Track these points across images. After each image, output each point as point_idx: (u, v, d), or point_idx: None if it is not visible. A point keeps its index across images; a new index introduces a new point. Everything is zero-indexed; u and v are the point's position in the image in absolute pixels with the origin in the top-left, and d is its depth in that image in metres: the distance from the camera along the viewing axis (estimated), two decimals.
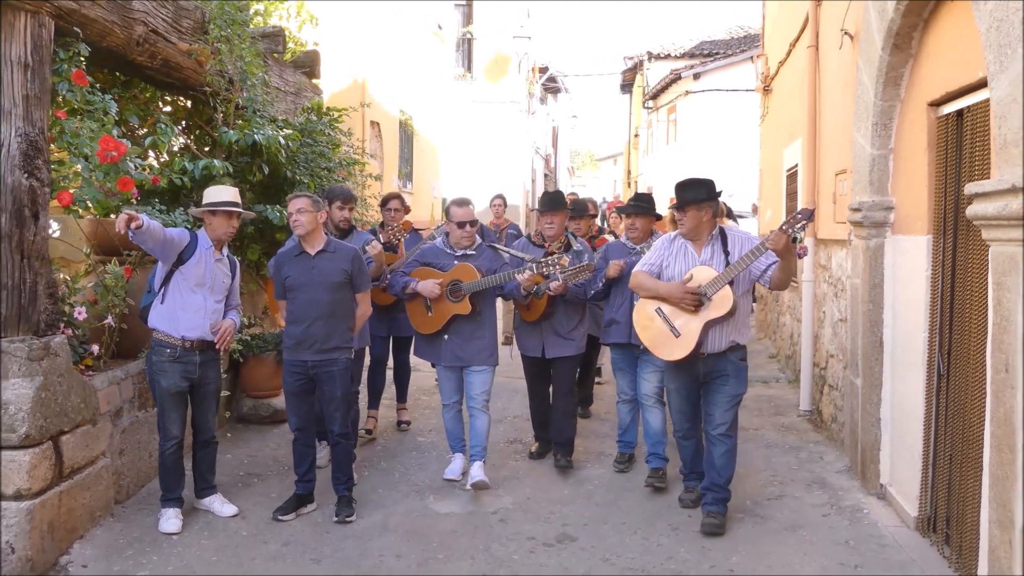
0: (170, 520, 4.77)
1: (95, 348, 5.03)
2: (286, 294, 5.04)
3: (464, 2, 23.15)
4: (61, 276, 5.08)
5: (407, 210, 6.72)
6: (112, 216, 5.33)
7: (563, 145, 41.13)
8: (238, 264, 5.19)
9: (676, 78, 22.96)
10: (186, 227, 5.15)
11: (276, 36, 7.94)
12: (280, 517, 4.97)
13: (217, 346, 4.87)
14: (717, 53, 23.47)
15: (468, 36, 23.32)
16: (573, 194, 11.47)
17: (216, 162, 6.24)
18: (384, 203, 6.66)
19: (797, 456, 6.31)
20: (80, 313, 4.83)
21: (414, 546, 4.65)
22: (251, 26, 7.31)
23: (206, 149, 7.02)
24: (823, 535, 4.81)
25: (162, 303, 4.72)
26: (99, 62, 5.53)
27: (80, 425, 4.59)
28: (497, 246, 5.80)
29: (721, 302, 4.64)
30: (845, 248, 6.21)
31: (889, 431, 5.27)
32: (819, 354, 7.36)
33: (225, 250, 4.96)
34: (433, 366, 5.84)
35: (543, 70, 28.74)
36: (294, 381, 5.01)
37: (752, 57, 16.19)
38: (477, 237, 5.60)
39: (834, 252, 6.80)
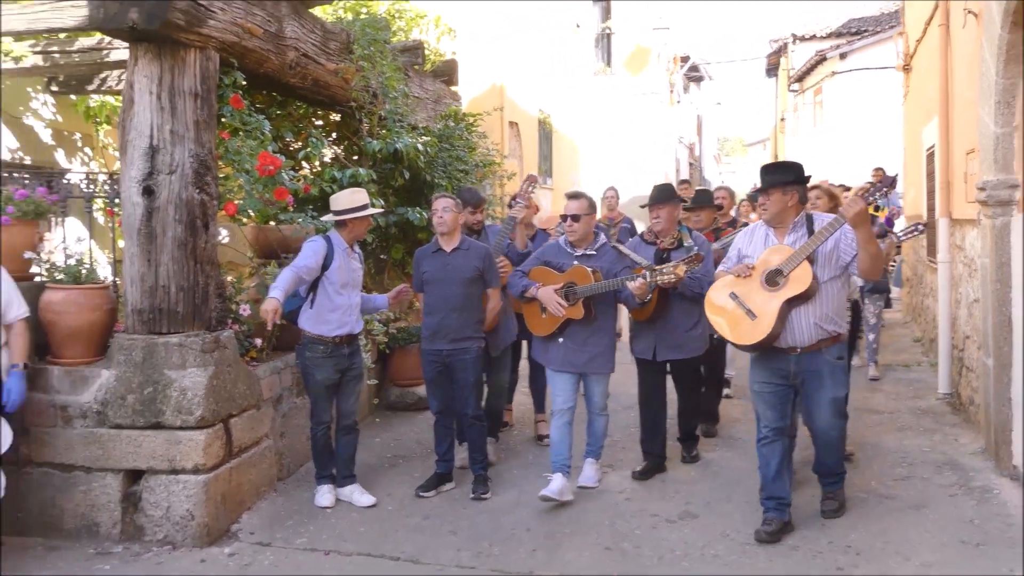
0: (324, 495, 5.29)
1: (258, 341, 5.65)
2: (423, 287, 5.50)
3: None
4: (228, 278, 5.73)
5: (534, 208, 6.86)
6: (271, 223, 5.96)
7: (708, 133, 40.55)
8: (362, 255, 5.61)
9: (821, 59, 22.30)
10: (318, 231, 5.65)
11: (416, 49, 8.47)
12: (422, 494, 5.43)
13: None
14: (865, 31, 22.58)
15: (607, 31, 23.48)
16: (685, 183, 11.30)
17: (361, 170, 6.80)
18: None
19: (931, 438, 6.28)
20: (245, 310, 5.45)
21: (543, 521, 5.00)
22: (392, 42, 7.86)
23: (354, 158, 7.62)
24: (947, 513, 4.84)
25: (311, 307, 5.17)
26: (258, 85, 6.16)
27: (246, 409, 5.20)
28: (620, 247, 5.55)
29: (799, 279, 4.38)
30: (976, 227, 6.12)
31: (1021, 411, 5.20)
32: (957, 336, 7.24)
33: (355, 245, 5.40)
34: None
35: (684, 59, 28.48)
36: (431, 368, 5.47)
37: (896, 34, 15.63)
38: (601, 236, 5.49)
39: (967, 232, 6.70)
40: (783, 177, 4.57)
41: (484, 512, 5.18)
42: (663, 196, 5.69)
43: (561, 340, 5.30)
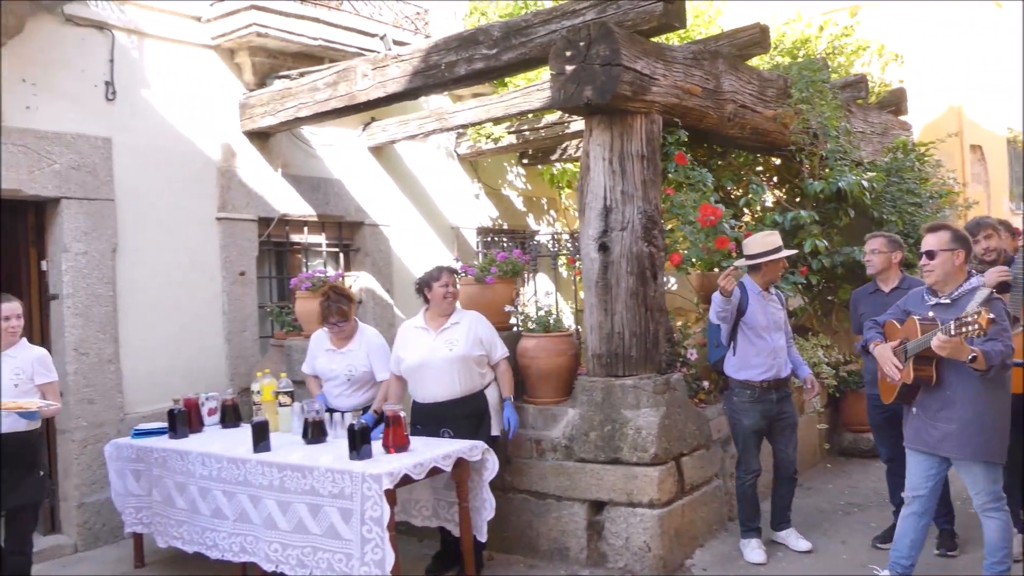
0: (754, 551, 5.19)
1: (705, 384, 5.89)
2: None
3: None
4: (676, 323, 6.07)
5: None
6: (715, 269, 6.20)
7: None
8: (784, 296, 5.58)
9: None
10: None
11: (858, 84, 8.24)
12: (879, 545, 5.18)
13: (808, 397, 5.39)
14: None
15: None
16: None
17: (803, 212, 6.77)
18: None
19: None
20: (692, 354, 5.73)
21: None
22: (832, 79, 7.74)
23: (796, 200, 7.60)
24: None
25: (734, 355, 5.23)
26: (697, 139, 6.49)
27: (696, 449, 5.44)
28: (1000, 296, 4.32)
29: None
30: None
31: None
32: None
33: (772, 288, 5.36)
34: None
35: None
36: (876, 414, 5.23)
37: None
38: (974, 279, 4.19)
39: None
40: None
41: (948, 570, 4.80)
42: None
43: (914, 410, 4.33)
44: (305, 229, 8.09)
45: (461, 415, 5.05)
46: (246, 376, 6.96)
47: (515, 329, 5.92)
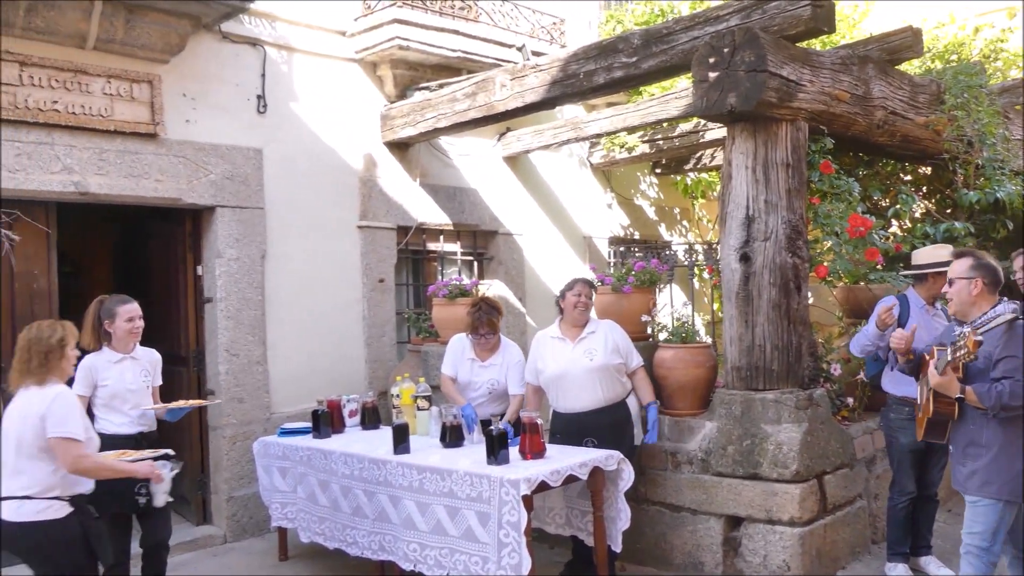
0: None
1: (849, 400, 5.66)
2: None
3: None
4: (818, 338, 5.87)
5: None
6: (861, 283, 5.96)
7: None
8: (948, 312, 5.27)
9: None
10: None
11: (1016, 88, 7.78)
12: None
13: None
14: None
15: None
16: None
17: (957, 224, 6.44)
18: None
19: None
20: (836, 369, 5.52)
21: None
22: (989, 84, 7.34)
23: (947, 212, 7.24)
24: None
25: (891, 369, 4.96)
26: (844, 148, 6.27)
27: (839, 467, 5.24)
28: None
29: None
30: None
31: None
32: None
33: (937, 303, 5.09)
34: None
35: None
36: None
37: None
38: (1000, 306, 3.97)
39: None
40: None
41: None
42: None
43: (950, 447, 4.16)
44: (441, 237, 8.25)
45: (605, 424, 5.04)
46: (383, 380, 7.15)
47: (651, 340, 5.86)
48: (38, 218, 5.76)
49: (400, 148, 7.72)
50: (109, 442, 4.45)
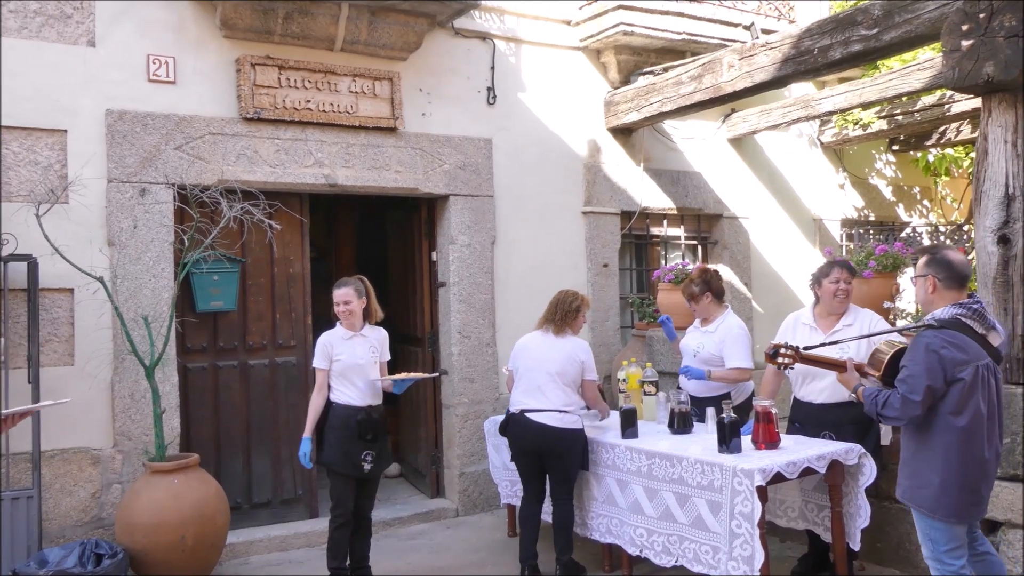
0: None
1: None
2: None
3: None
4: None
5: None
6: None
7: None
8: None
9: None
10: None
11: None
12: None
13: None
14: None
15: None
16: None
17: None
18: None
19: None
20: None
21: None
22: None
23: None
24: None
25: None
26: None
27: None
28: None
29: None
30: None
31: None
32: None
33: None
34: None
35: None
36: None
37: None
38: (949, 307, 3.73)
39: None
40: None
41: None
42: None
43: None
44: (664, 222, 8.18)
45: (847, 420, 4.78)
46: (607, 364, 7.21)
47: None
48: (294, 208, 6.27)
49: (623, 133, 7.72)
50: (343, 412, 4.90)
